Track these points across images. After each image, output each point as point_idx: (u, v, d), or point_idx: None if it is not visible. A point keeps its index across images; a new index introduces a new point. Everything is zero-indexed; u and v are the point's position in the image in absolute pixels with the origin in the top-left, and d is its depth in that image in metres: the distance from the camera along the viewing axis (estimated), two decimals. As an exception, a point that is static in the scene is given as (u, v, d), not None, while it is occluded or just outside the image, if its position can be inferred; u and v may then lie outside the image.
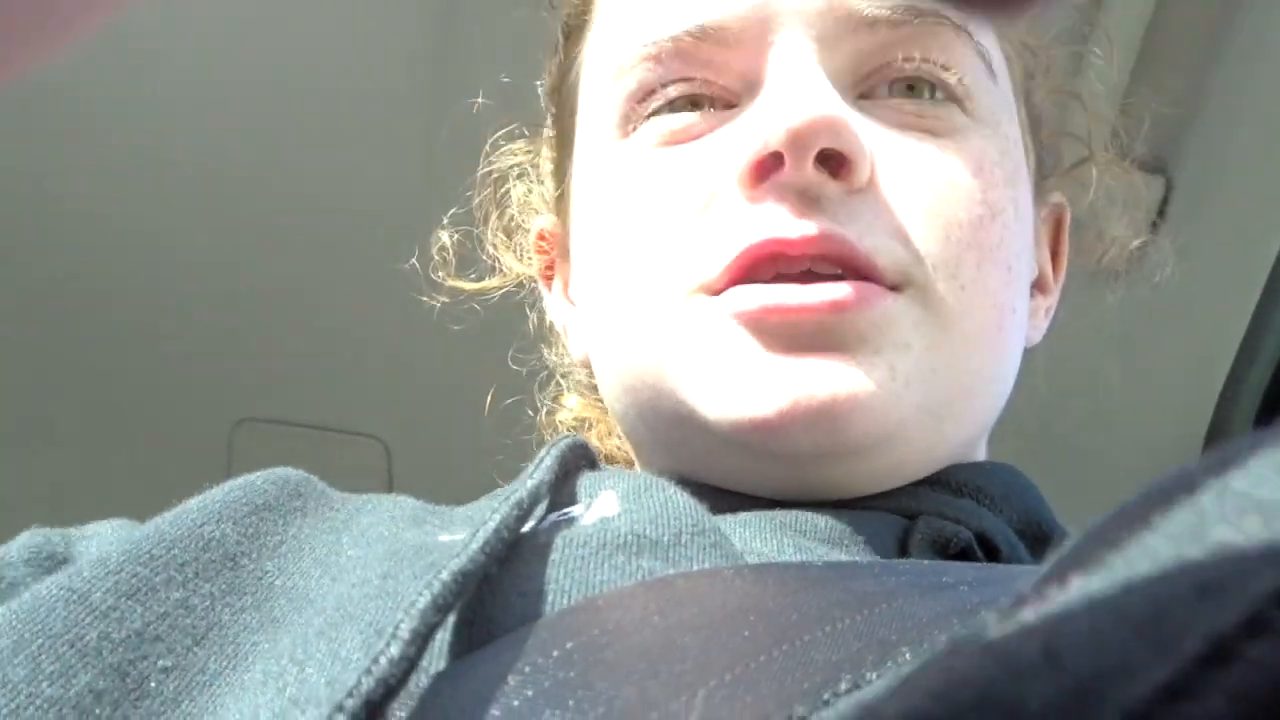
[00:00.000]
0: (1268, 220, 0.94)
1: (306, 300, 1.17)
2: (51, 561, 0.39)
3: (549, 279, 0.58)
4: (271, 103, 1.05)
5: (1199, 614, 0.15)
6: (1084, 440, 1.11)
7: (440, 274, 0.65)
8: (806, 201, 0.41)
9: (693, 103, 0.45)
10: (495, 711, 0.24)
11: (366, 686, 0.25)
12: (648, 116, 0.46)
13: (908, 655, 0.26)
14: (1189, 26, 0.91)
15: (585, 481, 0.41)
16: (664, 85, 0.45)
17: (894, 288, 0.42)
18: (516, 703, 0.24)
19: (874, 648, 0.26)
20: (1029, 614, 0.17)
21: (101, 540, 0.41)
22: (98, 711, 0.27)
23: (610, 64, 0.48)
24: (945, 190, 0.43)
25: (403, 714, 0.26)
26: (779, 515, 0.41)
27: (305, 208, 1.11)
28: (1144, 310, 1.02)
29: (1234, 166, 0.93)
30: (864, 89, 0.45)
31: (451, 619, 0.31)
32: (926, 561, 0.38)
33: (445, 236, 0.65)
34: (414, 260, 0.67)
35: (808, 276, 0.41)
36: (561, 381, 0.65)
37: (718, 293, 0.42)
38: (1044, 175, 0.55)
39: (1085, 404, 1.07)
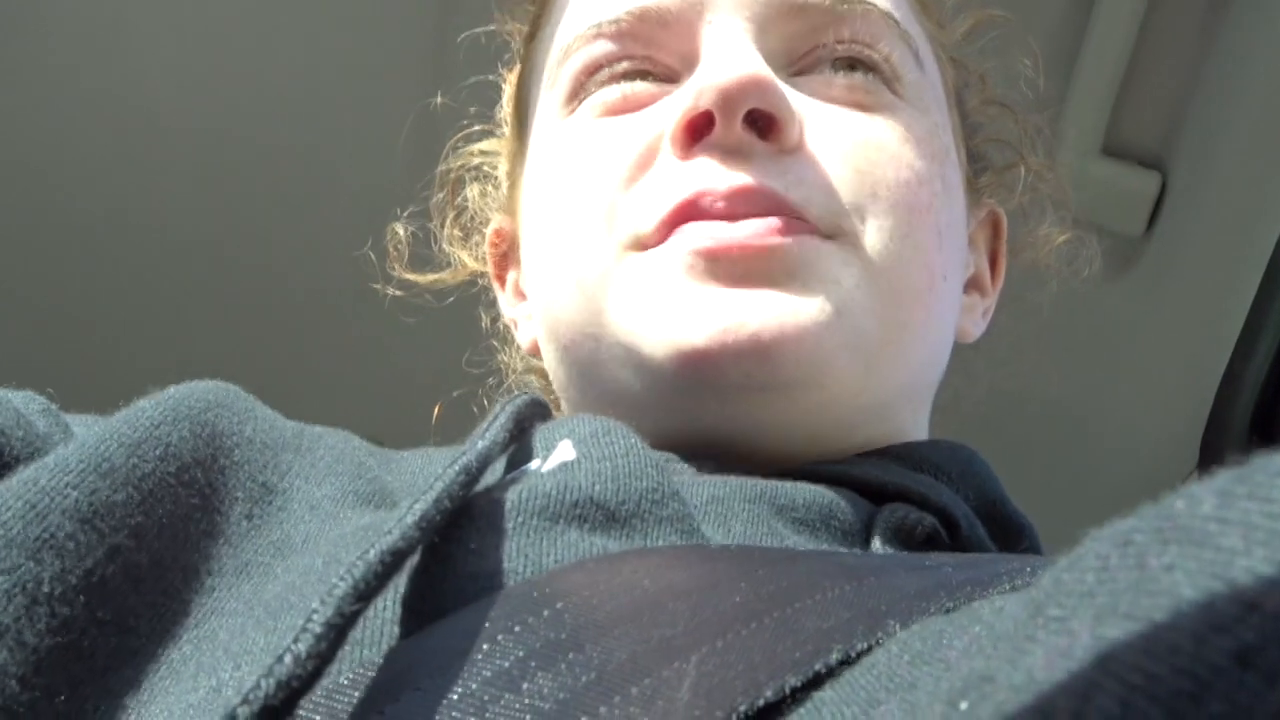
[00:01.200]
0: (1264, 215, 0.94)
1: (300, 300, 1.17)
2: (57, 424, 0.37)
3: (502, 279, 0.60)
4: (266, 98, 1.05)
5: (1244, 689, 0.14)
6: (1082, 438, 1.11)
7: (396, 267, 0.67)
8: (737, 158, 0.43)
9: (637, 76, 0.48)
10: (485, 671, 0.24)
11: (266, 688, 0.23)
12: (592, 91, 0.48)
13: (896, 627, 0.26)
14: (1183, 22, 0.92)
15: (541, 434, 0.40)
16: (609, 62, 0.48)
17: (827, 237, 0.43)
18: (507, 663, 0.24)
19: (864, 617, 0.26)
20: (1042, 672, 0.16)
21: (72, 430, 0.38)
22: (36, 680, 0.26)
23: (559, 50, 0.50)
24: (873, 153, 0.45)
25: (373, 672, 0.25)
26: (741, 482, 0.40)
27: (301, 210, 1.11)
28: (1140, 307, 1.02)
29: (1229, 161, 0.93)
30: (799, 67, 0.48)
31: (399, 604, 0.29)
32: (905, 553, 0.38)
33: (401, 230, 0.67)
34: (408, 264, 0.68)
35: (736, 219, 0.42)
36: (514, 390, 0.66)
37: (652, 247, 0.44)
38: (977, 176, 0.57)
39: (1083, 402, 1.07)
